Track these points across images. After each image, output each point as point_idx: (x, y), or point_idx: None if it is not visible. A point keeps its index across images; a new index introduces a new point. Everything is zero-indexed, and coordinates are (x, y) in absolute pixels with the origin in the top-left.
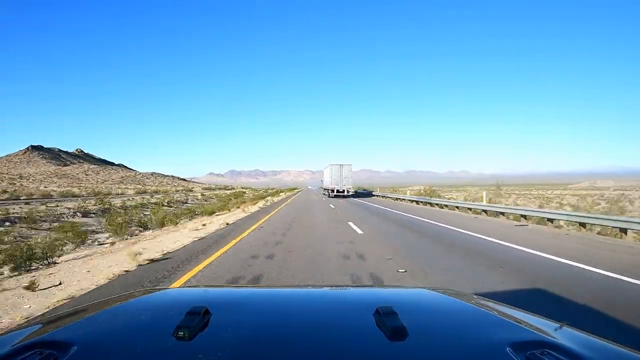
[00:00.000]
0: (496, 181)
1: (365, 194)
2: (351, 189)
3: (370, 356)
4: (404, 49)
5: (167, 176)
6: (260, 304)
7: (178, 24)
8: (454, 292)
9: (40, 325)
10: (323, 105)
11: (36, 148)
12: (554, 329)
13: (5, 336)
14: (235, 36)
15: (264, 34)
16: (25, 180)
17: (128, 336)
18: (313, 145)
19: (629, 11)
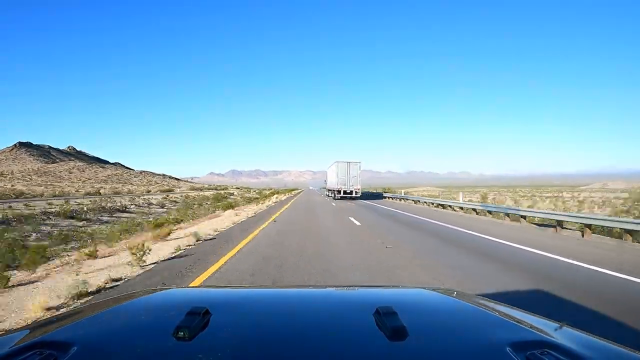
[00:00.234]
0: (529, 182)
1: (375, 196)
2: (360, 190)
3: (370, 356)
4: (404, 49)
5: (158, 175)
6: (260, 304)
7: (178, 24)
8: (454, 292)
9: (40, 325)
10: (323, 105)
11: (24, 145)
12: (554, 329)
13: (6, 336)
14: (235, 36)
15: (264, 34)
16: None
17: (128, 336)
18: (314, 146)
19: (629, 11)
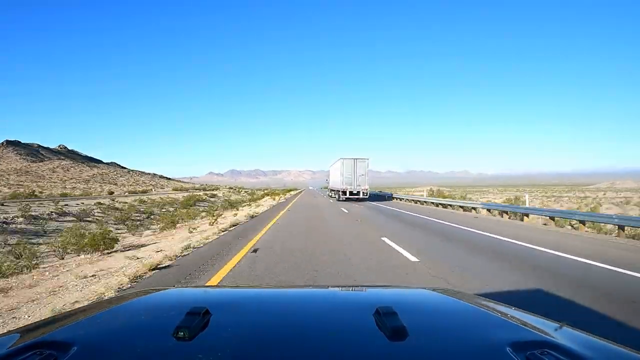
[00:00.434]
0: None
1: (381, 197)
2: (367, 191)
3: (370, 356)
4: (404, 49)
5: (148, 174)
6: (260, 304)
7: (178, 24)
8: (454, 292)
9: (40, 325)
10: (323, 105)
11: (12, 143)
12: (554, 329)
13: (6, 336)
14: (236, 36)
15: (264, 34)
16: None
17: (128, 336)
18: (313, 146)
19: (629, 11)
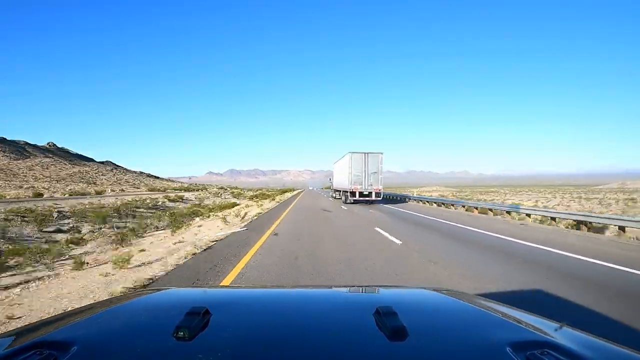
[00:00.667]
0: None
1: (392, 199)
2: (381, 191)
3: (370, 356)
4: (404, 49)
5: (133, 172)
6: (260, 304)
7: (178, 24)
8: (454, 292)
9: (40, 325)
10: (323, 105)
11: None
12: (554, 329)
13: (6, 336)
14: (236, 36)
15: (264, 34)
16: None
17: (128, 336)
18: (313, 145)
19: (630, 11)
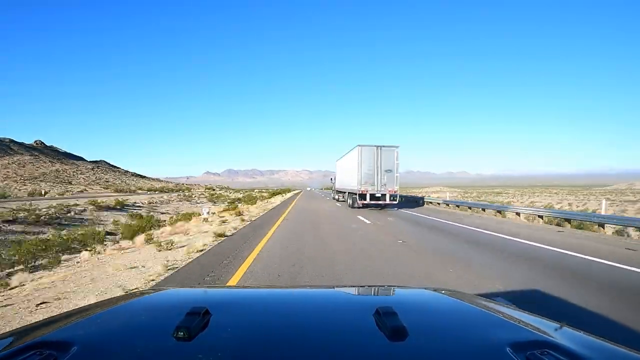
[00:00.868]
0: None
1: (405, 199)
2: (397, 194)
3: (370, 356)
4: (404, 49)
5: (118, 171)
6: (260, 304)
7: (178, 24)
8: (454, 292)
9: (40, 325)
10: (321, 105)
11: None
12: (554, 329)
13: (6, 336)
14: (235, 36)
15: (264, 34)
16: None
17: (128, 336)
18: (311, 146)
19: (631, 11)
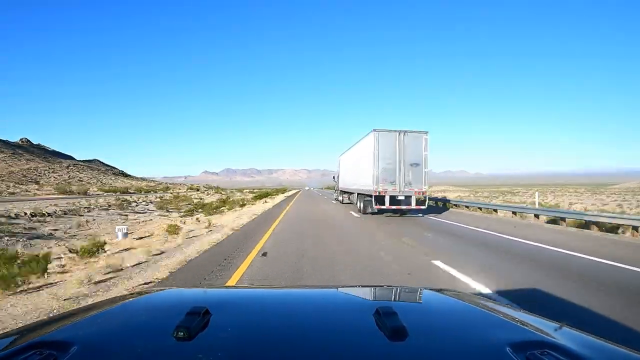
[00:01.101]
0: None
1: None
2: (426, 195)
3: (370, 356)
4: (404, 48)
5: (97, 170)
6: (260, 304)
7: (178, 24)
8: (454, 292)
9: (41, 325)
10: (321, 105)
11: None
12: (554, 329)
13: (6, 336)
14: (235, 36)
15: (263, 34)
16: None
17: (128, 336)
18: (310, 145)
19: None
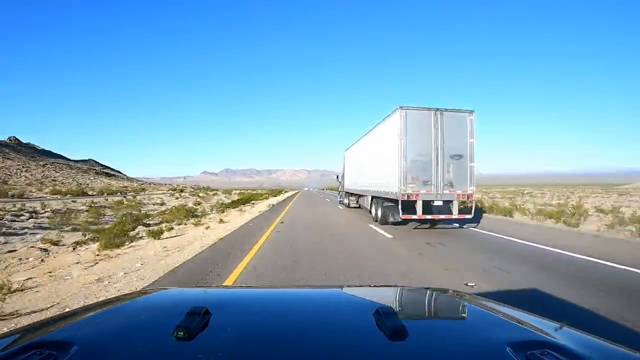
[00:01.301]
0: None
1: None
2: (472, 198)
3: (370, 356)
4: (404, 48)
5: (78, 169)
6: (260, 304)
7: (178, 24)
8: (454, 292)
9: (41, 325)
10: (321, 104)
11: None
12: (554, 329)
13: (6, 336)
14: (235, 36)
15: (263, 34)
16: None
17: (128, 336)
18: (310, 145)
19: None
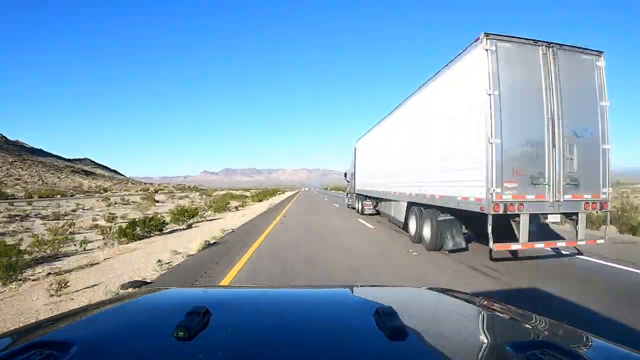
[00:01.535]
0: None
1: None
2: (607, 205)
3: (370, 356)
4: (403, 48)
5: (64, 168)
6: (260, 304)
7: (178, 24)
8: (454, 292)
9: (40, 325)
10: (321, 104)
11: None
12: (554, 328)
13: (6, 336)
14: (235, 36)
15: (264, 34)
16: None
17: (128, 336)
18: (310, 145)
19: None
